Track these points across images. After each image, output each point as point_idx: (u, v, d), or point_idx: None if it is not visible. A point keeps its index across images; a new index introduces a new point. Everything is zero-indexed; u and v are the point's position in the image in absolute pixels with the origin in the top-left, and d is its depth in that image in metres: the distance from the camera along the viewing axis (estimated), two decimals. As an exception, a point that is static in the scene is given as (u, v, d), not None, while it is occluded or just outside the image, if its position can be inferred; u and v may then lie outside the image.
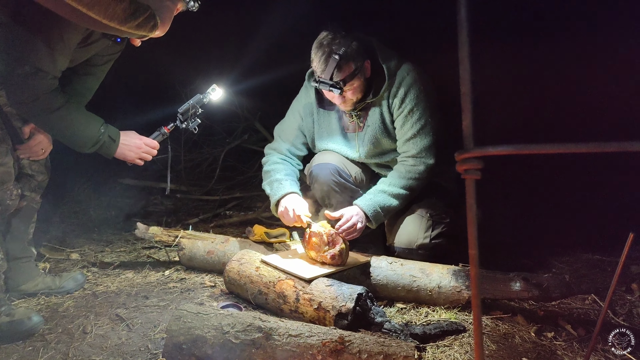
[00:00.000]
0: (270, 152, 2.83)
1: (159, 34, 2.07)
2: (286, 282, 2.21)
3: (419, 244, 2.58)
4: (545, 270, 2.72)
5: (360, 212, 2.48)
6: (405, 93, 2.53)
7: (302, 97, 2.80)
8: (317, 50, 2.42)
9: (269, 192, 2.68)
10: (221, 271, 2.55)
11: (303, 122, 2.80)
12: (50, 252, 3.10)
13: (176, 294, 2.51)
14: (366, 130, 2.65)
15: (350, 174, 2.75)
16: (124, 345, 1.99)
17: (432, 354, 1.89)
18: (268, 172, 2.73)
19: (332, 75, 2.38)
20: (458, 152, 0.77)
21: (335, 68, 2.37)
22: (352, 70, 2.42)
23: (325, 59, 2.39)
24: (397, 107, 2.55)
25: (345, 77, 2.41)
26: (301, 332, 1.74)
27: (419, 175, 2.56)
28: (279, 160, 2.77)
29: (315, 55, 2.43)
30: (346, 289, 2.07)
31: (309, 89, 2.75)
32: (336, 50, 2.37)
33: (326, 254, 2.33)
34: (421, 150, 2.55)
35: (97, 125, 2.23)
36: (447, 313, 2.23)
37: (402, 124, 2.56)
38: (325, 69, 2.39)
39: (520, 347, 1.95)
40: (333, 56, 2.37)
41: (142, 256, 3.14)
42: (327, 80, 2.40)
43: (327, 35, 2.43)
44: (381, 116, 2.60)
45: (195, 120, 2.52)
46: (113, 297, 2.46)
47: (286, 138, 2.82)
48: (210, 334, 1.77)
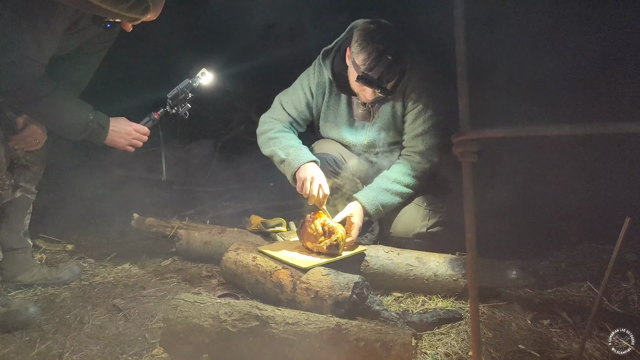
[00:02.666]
0: (271, 121, 2.72)
1: (151, 16, 2.00)
2: (283, 272, 2.21)
3: (416, 232, 2.59)
4: (542, 258, 2.73)
5: (361, 214, 2.47)
6: (422, 88, 2.51)
7: (314, 74, 2.71)
8: (367, 45, 2.31)
9: (284, 157, 2.55)
10: (218, 261, 2.54)
11: (313, 100, 2.73)
12: (47, 244, 3.08)
13: (173, 284, 2.50)
14: (376, 120, 2.64)
15: (348, 164, 2.74)
16: (121, 335, 1.99)
17: (428, 341, 1.90)
18: (276, 138, 2.63)
19: (381, 75, 2.32)
20: (454, 135, 0.76)
21: (385, 69, 2.31)
22: (398, 71, 2.38)
23: (376, 58, 2.30)
24: (413, 101, 2.53)
25: (391, 77, 2.36)
26: (298, 320, 1.74)
27: (424, 174, 2.57)
28: (286, 129, 2.69)
29: (364, 50, 2.32)
30: (343, 278, 2.07)
31: (322, 68, 2.67)
32: (388, 50, 2.29)
33: (322, 244, 2.33)
34: (429, 147, 2.55)
35: (85, 112, 2.20)
36: (444, 301, 2.24)
37: (413, 119, 2.55)
38: (375, 67, 2.30)
39: (517, 334, 1.96)
40: (386, 56, 2.29)
41: (139, 247, 3.13)
42: (374, 79, 2.32)
43: (377, 30, 2.33)
44: (393, 108, 2.59)
45: (185, 106, 2.48)
46: (110, 288, 2.46)
47: (290, 110, 2.73)
48: (207, 323, 1.76)
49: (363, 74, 2.33)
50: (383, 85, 2.35)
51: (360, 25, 2.40)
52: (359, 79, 2.34)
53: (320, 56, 2.68)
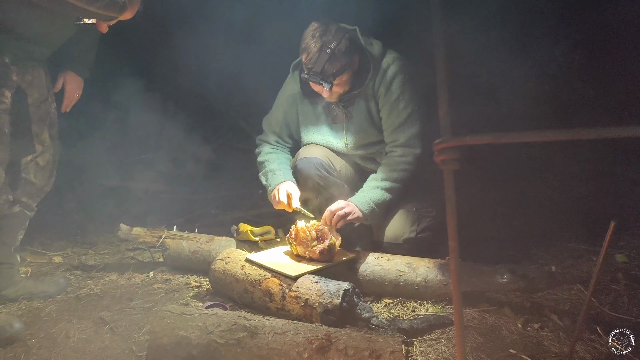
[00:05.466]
0: (261, 143, 2.87)
1: (127, 15, 1.96)
2: (272, 280, 2.19)
3: (405, 238, 2.57)
4: (531, 262, 2.73)
5: (355, 207, 2.46)
6: (391, 81, 2.53)
7: (287, 88, 2.80)
8: (309, 43, 2.41)
9: (265, 183, 2.72)
10: (206, 271, 2.51)
11: (288, 115, 2.81)
12: (33, 255, 3.04)
13: (161, 295, 2.47)
14: (352, 120, 2.66)
15: (335, 168, 2.73)
16: (107, 348, 1.95)
17: (419, 348, 1.88)
18: (262, 163, 2.78)
19: (323, 68, 2.38)
20: (435, 142, 0.75)
21: (326, 62, 2.37)
22: (343, 64, 2.42)
23: (316, 52, 2.38)
24: (383, 96, 2.55)
25: (336, 71, 2.40)
26: (287, 330, 1.72)
27: (409, 166, 2.55)
28: (271, 150, 2.81)
29: (306, 47, 2.41)
30: (332, 286, 2.06)
31: (293, 80, 2.74)
32: (328, 44, 2.37)
33: (315, 249, 2.31)
34: (409, 138, 2.54)
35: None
36: (434, 307, 2.22)
37: (388, 113, 2.56)
38: (317, 62, 2.38)
39: (507, 338, 1.95)
40: (325, 50, 2.36)
41: (126, 258, 3.10)
42: (318, 74, 2.39)
43: (319, 27, 2.42)
44: (367, 106, 2.60)
45: None
46: (97, 300, 2.42)
47: (273, 131, 2.85)
48: (194, 335, 1.74)
49: (308, 70, 2.43)
50: (329, 80, 2.40)
51: (306, 28, 2.48)
52: (304, 75, 2.45)
53: (291, 68, 2.75)
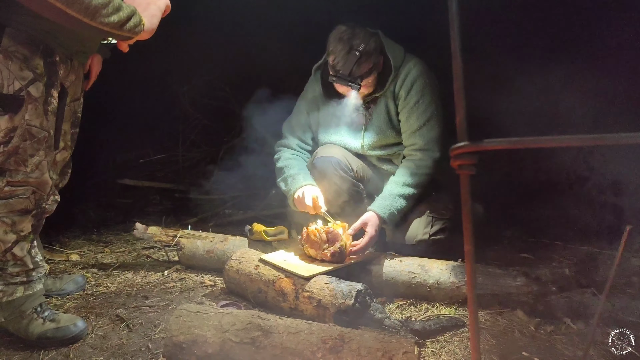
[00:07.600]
0: (281, 149, 2.86)
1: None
2: (285, 280, 2.21)
3: (418, 239, 2.58)
4: (545, 265, 2.72)
5: (376, 223, 2.45)
6: (411, 85, 2.55)
7: (308, 91, 2.83)
8: (336, 45, 2.44)
9: (284, 189, 2.71)
10: (221, 270, 2.55)
11: (309, 118, 2.83)
12: (50, 253, 3.09)
13: (176, 293, 2.51)
14: (371, 122, 2.67)
15: (352, 168, 2.75)
16: (124, 345, 1.99)
17: (432, 349, 1.89)
18: (281, 169, 2.76)
19: (352, 71, 2.41)
20: (452, 147, 0.77)
21: (355, 64, 2.40)
22: (370, 66, 2.46)
23: (345, 55, 2.41)
24: (403, 99, 2.57)
25: (364, 73, 2.44)
26: (301, 329, 1.74)
27: (428, 170, 2.57)
28: (291, 156, 2.80)
29: (334, 50, 2.45)
30: (345, 286, 2.07)
31: (314, 82, 2.77)
32: (356, 47, 2.40)
33: (326, 251, 2.32)
34: (428, 141, 2.56)
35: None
36: (447, 309, 2.23)
37: (407, 116, 2.58)
38: (345, 64, 2.41)
39: (520, 341, 1.95)
40: (353, 52, 2.40)
41: (141, 256, 3.14)
42: (346, 76, 2.42)
43: (346, 30, 2.45)
44: (386, 108, 2.63)
45: None
46: (113, 298, 2.46)
47: (295, 134, 2.85)
48: (210, 333, 1.76)
49: (336, 72, 2.45)
50: (356, 82, 2.44)
51: (332, 31, 2.51)
52: (332, 77, 2.47)
53: (313, 70, 2.80)
